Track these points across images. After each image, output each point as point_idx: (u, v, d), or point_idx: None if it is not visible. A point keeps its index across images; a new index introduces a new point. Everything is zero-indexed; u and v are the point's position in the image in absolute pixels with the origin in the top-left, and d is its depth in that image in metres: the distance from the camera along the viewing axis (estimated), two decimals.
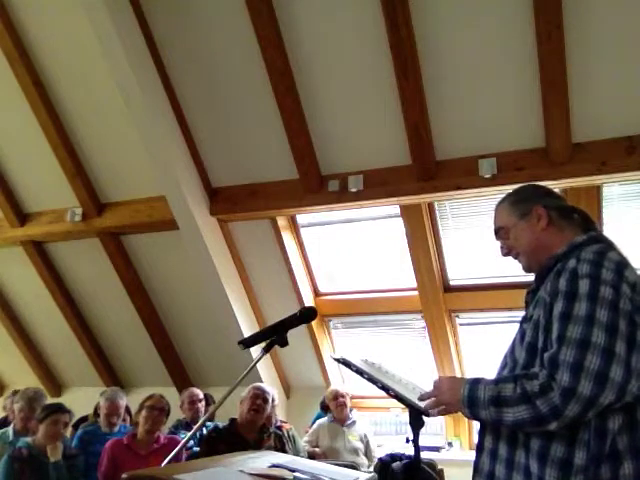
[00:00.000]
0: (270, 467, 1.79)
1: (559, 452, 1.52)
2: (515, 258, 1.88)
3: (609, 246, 1.68)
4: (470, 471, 1.76)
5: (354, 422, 4.90)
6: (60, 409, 3.79)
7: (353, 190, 4.44)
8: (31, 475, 3.57)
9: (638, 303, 1.54)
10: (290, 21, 4.09)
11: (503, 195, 1.94)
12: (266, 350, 2.02)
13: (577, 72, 3.67)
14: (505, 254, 1.90)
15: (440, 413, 1.78)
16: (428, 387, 1.84)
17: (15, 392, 5.30)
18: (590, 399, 1.44)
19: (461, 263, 4.87)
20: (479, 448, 1.73)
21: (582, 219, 1.82)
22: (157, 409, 3.91)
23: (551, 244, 1.76)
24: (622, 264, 1.60)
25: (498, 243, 1.92)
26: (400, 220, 4.74)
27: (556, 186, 4.03)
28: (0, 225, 5.81)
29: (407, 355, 5.37)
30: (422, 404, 1.83)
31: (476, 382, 1.63)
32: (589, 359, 1.45)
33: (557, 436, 1.52)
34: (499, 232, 1.89)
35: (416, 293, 5.00)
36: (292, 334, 2.03)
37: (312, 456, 4.49)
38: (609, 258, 1.59)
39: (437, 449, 5.01)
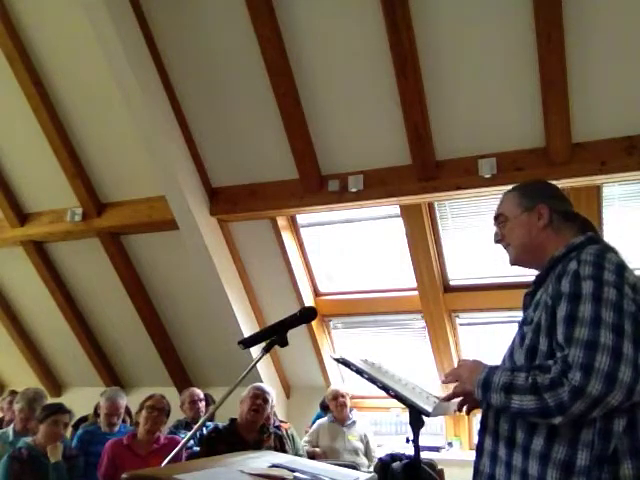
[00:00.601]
0: (270, 467, 1.79)
1: (561, 453, 1.51)
2: (504, 248, 1.88)
3: (607, 247, 1.68)
4: (470, 471, 1.75)
5: (354, 422, 4.89)
6: (60, 409, 3.78)
7: (353, 190, 4.45)
8: (31, 476, 3.56)
9: (639, 303, 1.54)
10: (290, 21, 4.09)
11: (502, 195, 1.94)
12: (266, 350, 2.02)
13: (577, 72, 3.67)
14: (497, 241, 1.90)
15: (455, 395, 1.77)
16: (428, 387, 1.85)
17: (12, 392, 5.30)
18: (598, 399, 1.44)
19: (461, 263, 4.87)
20: (479, 449, 1.73)
21: (582, 222, 1.81)
22: (157, 409, 3.90)
23: (544, 245, 1.77)
24: (621, 265, 1.60)
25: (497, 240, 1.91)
26: (400, 220, 4.74)
27: None
28: (0, 225, 5.82)
29: (407, 355, 5.37)
30: (428, 405, 1.83)
31: (495, 368, 1.65)
32: (599, 359, 1.45)
33: (559, 437, 1.52)
34: (498, 218, 1.89)
35: (416, 293, 5.00)
36: (292, 334, 2.03)
37: (312, 456, 4.49)
38: (609, 259, 1.60)
39: (437, 449, 5.01)
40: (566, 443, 1.52)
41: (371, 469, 4.33)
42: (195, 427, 2.10)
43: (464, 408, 1.83)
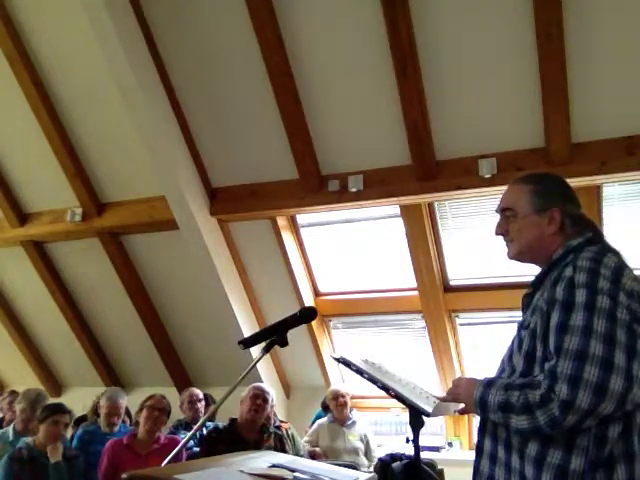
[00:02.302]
0: (270, 467, 1.79)
1: (556, 458, 1.52)
2: (505, 242, 1.83)
3: (605, 249, 1.66)
4: (470, 471, 1.76)
5: (354, 422, 4.89)
6: (60, 409, 3.78)
7: (353, 190, 4.44)
8: (31, 476, 3.56)
9: (635, 310, 1.53)
10: (290, 21, 4.09)
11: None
12: (266, 350, 2.02)
13: (577, 72, 3.67)
14: (498, 233, 1.83)
15: (461, 412, 1.79)
16: (428, 387, 1.86)
17: (12, 392, 5.31)
18: (588, 411, 1.44)
19: (461, 263, 4.86)
20: (479, 450, 1.74)
21: (586, 224, 1.78)
22: (158, 409, 3.90)
23: (551, 249, 1.73)
24: (618, 270, 1.57)
25: (498, 241, 1.87)
26: (400, 220, 4.74)
27: None
28: (0, 225, 5.82)
29: (407, 355, 5.37)
30: (428, 405, 1.84)
31: (488, 385, 1.63)
32: (587, 371, 1.44)
33: (554, 442, 1.52)
34: (505, 211, 1.81)
35: (416, 293, 5.00)
36: (292, 334, 2.03)
37: (313, 455, 4.49)
38: (605, 264, 1.57)
39: (437, 449, 5.01)
40: (561, 448, 1.52)
41: (371, 469, 4.33)
42: (195, 427, 2.10)
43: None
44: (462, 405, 1.77)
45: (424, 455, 4.04)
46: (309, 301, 5.38)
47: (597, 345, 1.46)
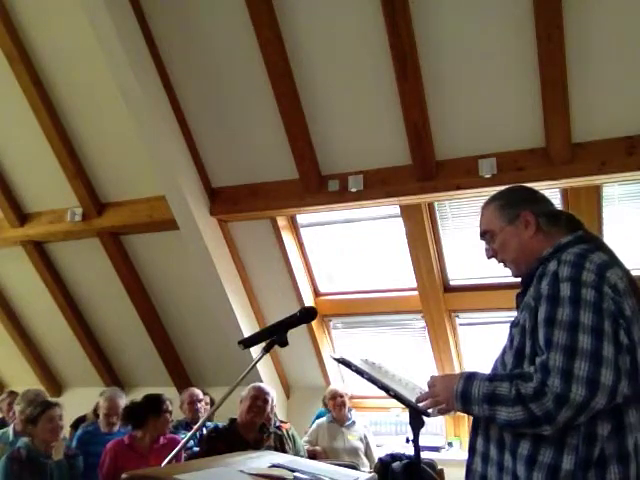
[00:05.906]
0: (270, 467, 1.79)
1: (547, 457, 1.52)
2: (500, 262, 1.88)
3: (595, 246, 1.66)
4: None
5: (353, 422, 4.89)
6: (49, 405, 3.77)
7: (353, 190, 4.44)
8: (30, 476, 3.56)
9: (620, 304, 1.53)
10: (290, 21, 4.09)
11: None
12: (266, 350, 2.02)
13: (577, 72, 3.67)
14: (489, 257, 1.90)
15: (440, 413, 1.78)
16: (427, 387, 1.85)
17: (11, 393, 5.31)
18: (583, 404, 1.44)
19: (461, 263, 4.86)
20: (471, 449, 1.74)
21: (568, 220, 1.80)
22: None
23: (540, 249, 1.74)
24: (604, 265, 1.58)
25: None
26: (400, 220, 4.74)
27: (556, 186, 4.04)
28: (0, 225, 5.81)
29: (407, 355, 5.37)
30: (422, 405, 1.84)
31: (470, 378, 1.63)
32: (577, 365, 1.45)
33: (546, 441, 1.52)
34: (485, 235, 1.88)
35: (416, 293, 5.00)
36: (292, 334, 2.03)
37: (313, 455, 4.49)
38: (591, 259, 1.58)
39: (437, 449, 5.00)
40: (552, 447, 1.52)
41: (371, 469, 4.33)
42: (195, 427, 2.11)
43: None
44: (442, 406, 1.75)
45: (424, 455, 4.05)
46: (309, 301, 5.38)
47: (586, 339, 1.47)
